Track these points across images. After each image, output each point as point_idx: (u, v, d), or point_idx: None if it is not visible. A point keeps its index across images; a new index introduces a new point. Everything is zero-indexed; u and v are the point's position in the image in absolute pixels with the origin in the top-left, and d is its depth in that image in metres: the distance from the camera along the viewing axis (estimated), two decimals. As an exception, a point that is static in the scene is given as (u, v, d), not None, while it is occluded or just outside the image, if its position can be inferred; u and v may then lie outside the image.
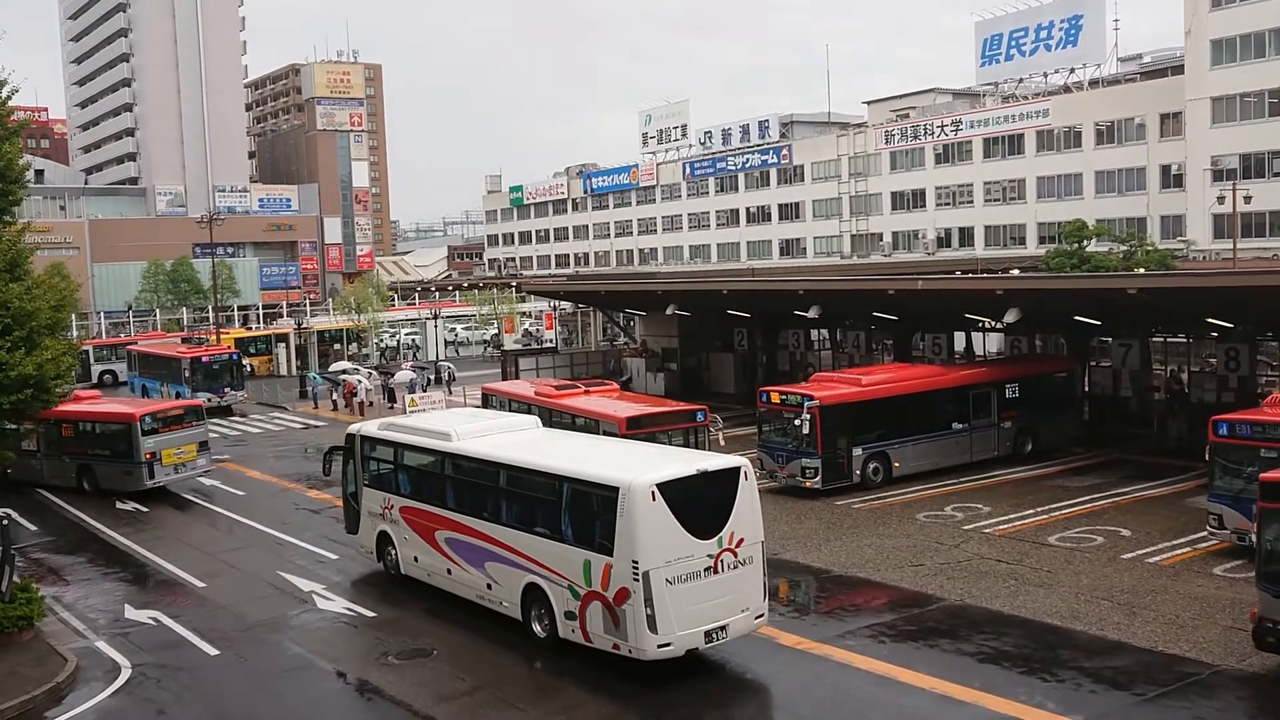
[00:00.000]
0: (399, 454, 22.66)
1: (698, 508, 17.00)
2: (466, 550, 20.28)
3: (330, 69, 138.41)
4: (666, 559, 16.50)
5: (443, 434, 21.52)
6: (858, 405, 29.02)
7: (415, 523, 21.77)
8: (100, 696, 17.54)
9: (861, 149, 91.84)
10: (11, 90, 20.91)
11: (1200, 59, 65.38)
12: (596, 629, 17.20)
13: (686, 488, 17.08)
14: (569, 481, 18.08)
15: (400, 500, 22.29)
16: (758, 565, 17.49)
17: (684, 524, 16.72)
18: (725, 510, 17.20)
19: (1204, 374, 34.19)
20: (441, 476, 21.42)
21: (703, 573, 16.77)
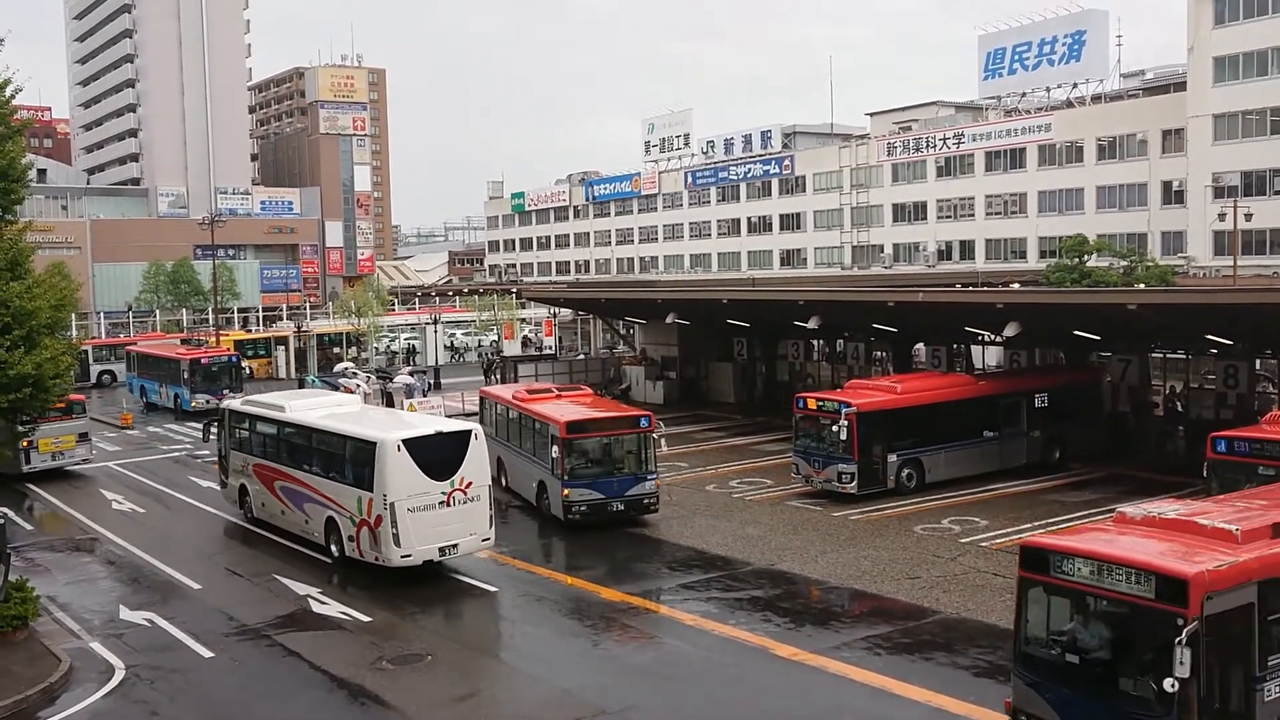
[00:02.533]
0: (252, 424, 28.51)
1: (435, 458, 22.88)
2: (292, 495, 26.27)
3: (334, 73, 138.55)
4: (409, 494, 22.43)
5: (279, 407, 27.73)
6: (894, 412, 29.37)
7: (262, 476, 27.72)
8: (94, 697, 17.50)
9: (863, 160, 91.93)
10: (15, 89, 20.91)
11: (1203, 76, 65.50)
12: (365, 547, 23.13)
13: (426, 443, 23.05)
14: (349, 439, 24.19)
15: (253, 459, 28.20)
16: (484, 502, 23.36)
17: (423, 469, 22.66)
18: (457, 461, 23.04)
19: (1203, 390, 34.20)
20: (278, 439, 27.20)
21: (437, 505, 22.69)
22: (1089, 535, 14.36)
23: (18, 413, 20.71)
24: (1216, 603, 12.15)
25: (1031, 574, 13.71)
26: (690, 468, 34.53)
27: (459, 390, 51.63)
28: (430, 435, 23.44)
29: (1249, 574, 12.48)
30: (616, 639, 19.52)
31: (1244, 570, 12.47)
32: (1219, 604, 12.17)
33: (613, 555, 25.19)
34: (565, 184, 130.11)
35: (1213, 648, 12.22)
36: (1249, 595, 12.45)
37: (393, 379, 53.93)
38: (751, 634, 19.20)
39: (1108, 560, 12.93)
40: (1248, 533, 12.99)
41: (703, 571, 23.42)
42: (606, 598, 21.73)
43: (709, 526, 26.99)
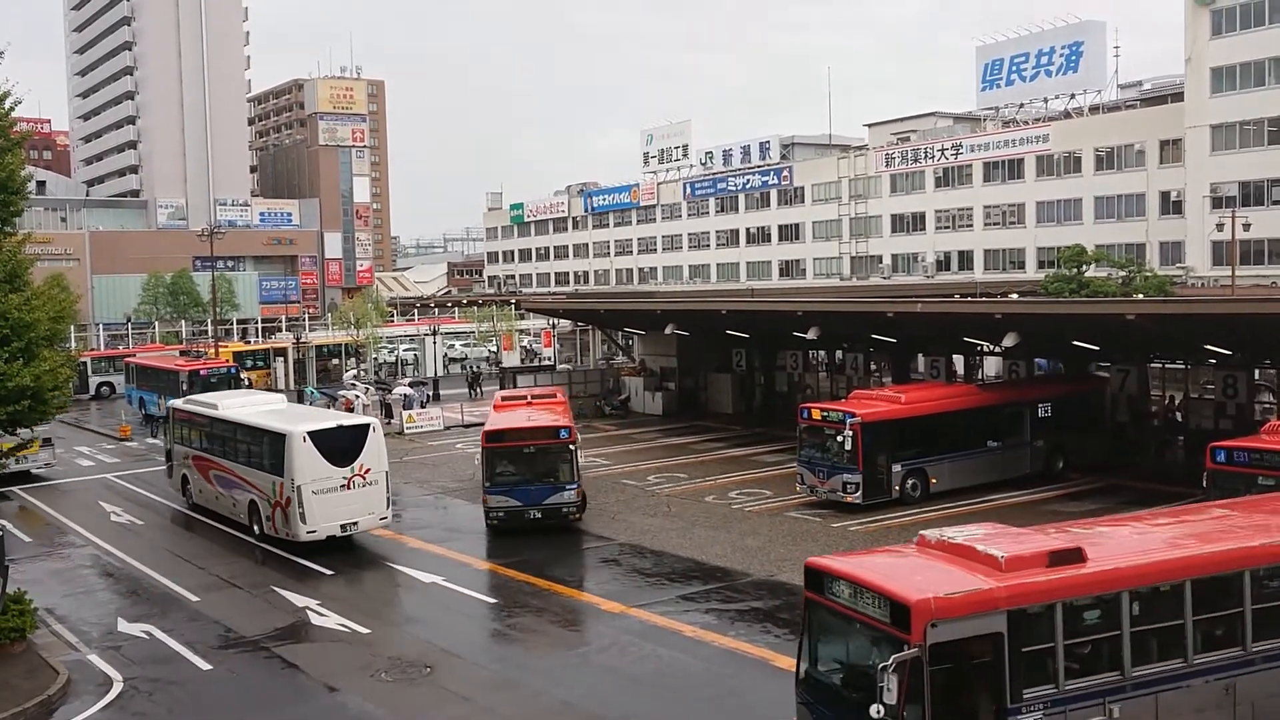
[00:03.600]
0: (191, 420, 32.28)
1: (337, 448, 26.56)
2: (223, 482, 29.90)
3: (333, 84, 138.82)
4: (314, 479, 26.10)
5: (212, 405, 31.54)
6: (898, 422, 29.48)
7: (200, 466, 31.41)
8: (91, 710, 17.45)
9: (862, 171, 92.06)
10: (14, 101, 20.93)
11: (1200, 86, 65.66)
12: (279, 525, 26.71)
13: (329, 435, 26.82)
14: (265, 432, 27.75)
15: (192, 451, 31.96)
16: (381, 486, 27.02)
17: (326, 457, 26.34)
18: (357, 450, 26.71)
19: (1202, 400, 34.19)
20: (212, 434, 30.78)
21: (339, 488, 26.36)
22: (866, 557, 14.48)
23: (16, 425, 20.68)
24: (944, 630, 11.84)
25: (812, 594, 13.67)
26: (689, 479, 34.51)
27: (458, 401, 51.67)
28: (332, 428, 27.33)
29: (993, 603, 12.15)
30: (616, 650, 19.48)
31: (986, 598, 12.16)
32: (948, 632, 11.87)
33: (612, 567, 25.16)
34: (564, 195, 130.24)
35: (947, 677, 11.99)
36: (994, 624, 12.12)
37: (392, 390, 53.98)
38: (751, 645, 19.16)
39: (859, 583, 12.84)
40: (1015, 559, 12.68)
41: (702, 583, 23.38)
42: (606, 609, 21.70)
43: (708, 538, 26.95)
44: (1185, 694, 13.15)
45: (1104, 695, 12.77)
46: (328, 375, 68.44)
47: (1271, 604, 13.78)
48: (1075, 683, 12.67)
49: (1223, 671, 13.38)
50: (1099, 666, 12.90)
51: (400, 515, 31.52)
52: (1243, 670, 13.45)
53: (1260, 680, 13.55)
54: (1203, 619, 13.39)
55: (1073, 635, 12.77)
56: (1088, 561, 13.04)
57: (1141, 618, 13.12)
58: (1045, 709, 12.40)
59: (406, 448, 42.44)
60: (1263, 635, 13.60)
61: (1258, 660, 13.55)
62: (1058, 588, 12.61)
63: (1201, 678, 13.27)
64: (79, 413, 55.43)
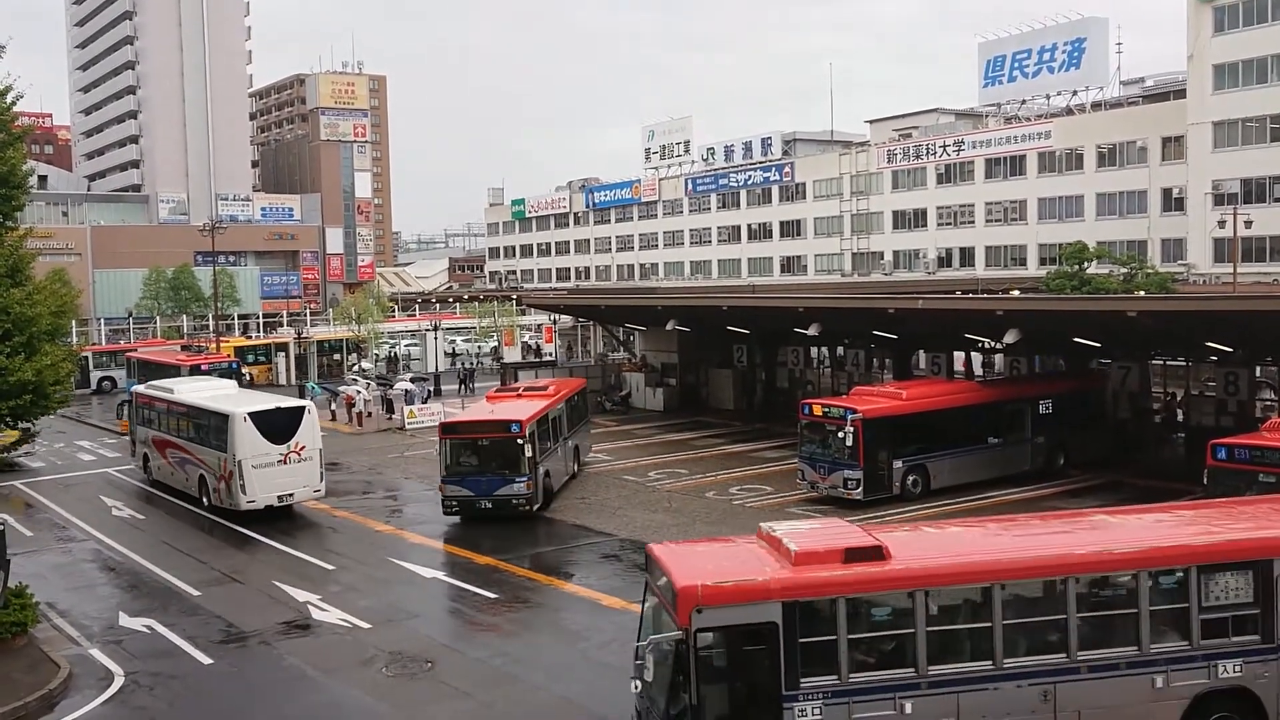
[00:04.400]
0: (151, 404, 35.59)
1: (274, 427, 29.78)
2: (178, 460, 33.24)
3: (335, 80, 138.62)
4: (253, 454, 29.29)
5: (169, 390, 35.05)
6: (899, 419, 29.49)
7: (158, 445, 34.72)
8: (93, 704, 17.48)
9: (863, 168, 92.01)
10: (16, 96, 20.93)
11: (1202, 83, 65.56)
12: (224, 496, 29.98)
13: (267, 416, 30.05)
14: (212, 413, 30.91)
15: (153, 433, 35.17)
16: (315, 462, 30.37)
17: (265, 436, 29.53)
18: (293, 430, 29.96)
19: (1203, 397, 34.18)
20: (169, 415, 34.00)
21: (276, 463, 29.59)
22: (694, 544, 15.32)
23: (18, 419, 20.70)
24: (710, 616, 12.38)
25: (647, 577, 14.34)
26: (690, 474, 34.52)
27: (459, 398, 51.67)
28: (271, 410, 30.67)
29: (766, 593, 12.56)
30: (616, 646, 19.47)
31: (758, 589, 12.60)
32: (715, 618, 12.42)
33: (612, 563, 25.19)
34: (566, 191, 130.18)
35: (718, 660, 12.69)
36: (768, 614, 12.54)
37: (393, 386, 54.00)
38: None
39: (659, 568, 13.57)
40: (806, 554, 13.06)
41: (703, 578, 23.32)
42: (606, 605, 21.71)
43: (709, 533, 26.86)
44: (993, 696, 13.17)
45: (895, 690, 12.95)
46: (329, 370, 68.53)
47: (1098, 613, 13.78)
48: (862, 676, 12.96)
49: (1040, 677, 13.30)
50: (891, 662, 13.12)
51: (401, 511, 31.58)
52: (1065, 678, 13.32)
53: (1087, 690, 13.37)
54: (1015, 623, 13.41)
55: (860, 630, 13.14)
56: (889, 560, 13.26)
57: (942, 617, 13.36)
58: (826, 699, 12.73)
59: (408, 443, 42.46)
60: (1090, 644, 13.50)
61: (1083, 669, 13.38)
62: (842, 583, 12.93)
63: (1012, 681, 13.24)
64: (80, 407, 55.45)
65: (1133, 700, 13.39)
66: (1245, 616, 13.55)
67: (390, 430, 46.55)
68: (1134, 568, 13.63)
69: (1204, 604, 13.50)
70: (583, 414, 36.87)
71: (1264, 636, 13.51)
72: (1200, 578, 13.52)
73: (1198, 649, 13.49)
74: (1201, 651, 13.48)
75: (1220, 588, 13.58)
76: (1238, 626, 13.57)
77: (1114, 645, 13.58)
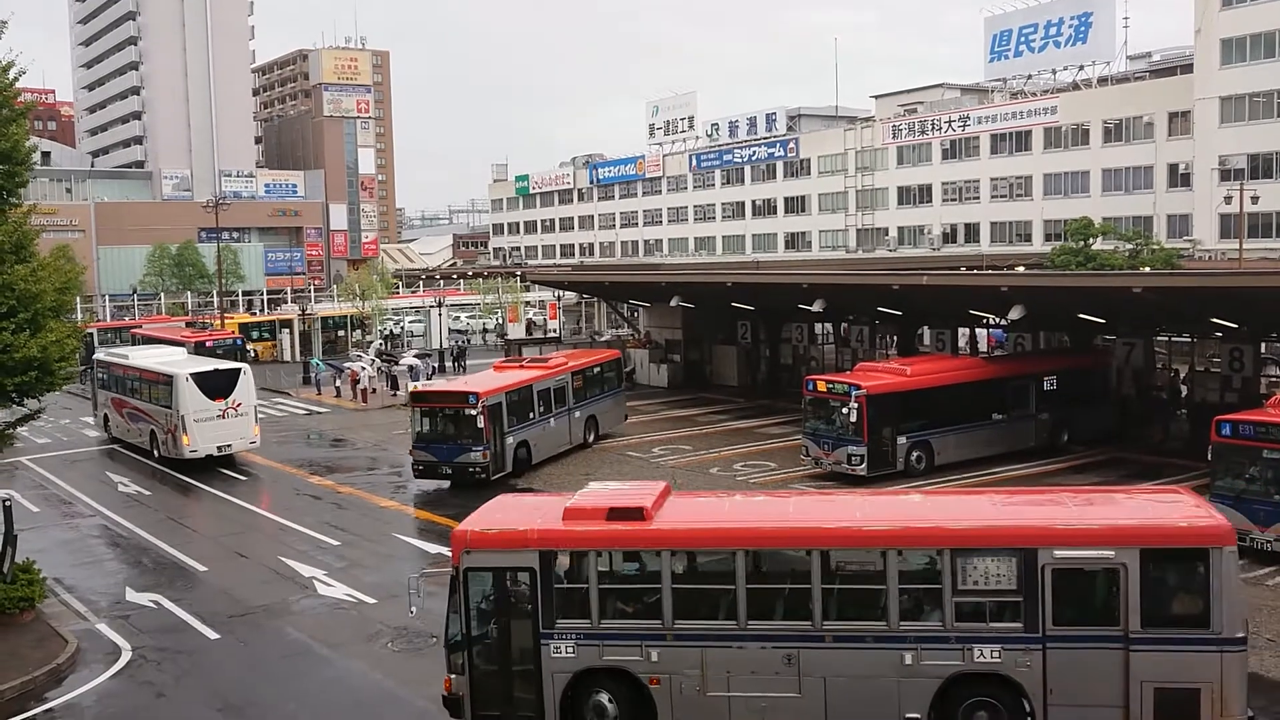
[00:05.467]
0: (109, 369, 39.40)
1: (214, 386, 34.28)
2: (132, 416, 37.55)
3: (338, 55, 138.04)
4: (195, 410, 33.82)
5: (125, 356, 39.17)
6: (903, 395, 29.53)
7: (116, 405, 38.83)
8: (100, 679, 17.61)
9: (868, 143, 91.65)
10: (19, 72, 20.82)
11: (1210, 58, 65.17)
12: (170, 447, 34.52)
13: (207, 376, 34.63)
14: (159, 374, 35.36)
15: (110, 394, 39.17)
16: (250, 417, 34.80)
17: (205, 394, 34.03)
18: (230, 389, 34.46)
19: (1208, 374, 34.11)
20: (124, 378, 37.92)
21: (215, 418, 34.14)
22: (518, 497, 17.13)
23: (24, 396, 20.72)
24: (476, 559, 14.31)
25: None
26: (694, 450, 34.57)
27: (455, 374, 51.67)
28: (210, 371, 35.33)
29: (525, 542, 14.27)
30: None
31: (518, 538, 14.34)
32: (481, 560, 14.32)
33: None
34: (569, 167, 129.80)
35: (485, 596, 14.54)
36: (528, 560, 14.26)
37: (398, 362, 54.02)
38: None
39: None
40: (574, 510, 14.61)
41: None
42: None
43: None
44: (737, 654, 13.98)
45: (643, 639, 14.17)
46: (334, 347, 68.63)
47: (848, 586, 14.20)
48: (612, 622, 14.29)
49: (783, 641, 13.91)
50: (641, 613, 14.32)
51: (405, 487, 31.66)
52: (809, 644, 13.83)
53: (832, 658, 13.81)
54: (760, 588, 14.16)
55: (613, 581, 14.60)
56: (648, 521, 14.39)
57: (689, 577, 14.44)
58: (578, 639, 14.22)
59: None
60: (837, 615, 13.92)
61: (828, 638, 13.82)
62: (594, 538, 14.37)
63: (756, 643, 13.94)
64: (85, 384, 55.48)
65: (880, 674, 13.67)
66: (1007, 603, 13.55)
67: (395, 406, 46.61)
68: (882, 545, 13.92)
69: (958, 587, 13.62)
70: (608, 385, 37.40)
71: (1027, 625, 13.46)
72: (954, 561, 13.63)
73: (951, 631, 13.59)
74: (955, 634, 13.58)
75: (978, 572, 13.66)
76: (997, 612, 13.59)
77: (862, 619, 13.93)
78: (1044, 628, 13.39)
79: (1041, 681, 13.35)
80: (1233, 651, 13.03)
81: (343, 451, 38.00)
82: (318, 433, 41.94)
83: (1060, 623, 13.36)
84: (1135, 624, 13.16)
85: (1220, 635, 13.01)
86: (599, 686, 14.28)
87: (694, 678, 14.03)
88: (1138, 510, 14.37)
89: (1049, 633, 13.38)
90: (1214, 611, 12.99)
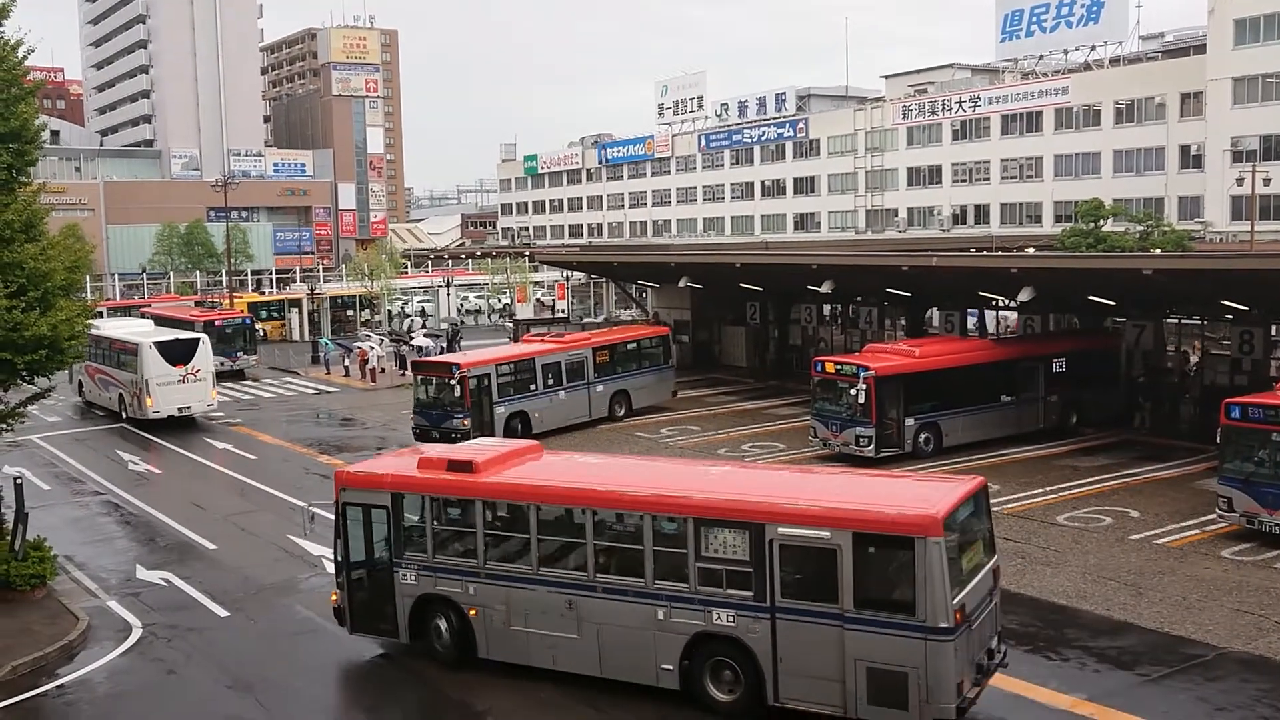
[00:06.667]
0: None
1: (175, 354, 37.69)
2: (104, 384, 40.97)
3: (347, 34, 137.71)
4: (158, 375, 37.29)
5: (97, 327, 37.18)
6: (911, 376, 29.45)
7: (89, 372, 41.88)
8: (111, 655, 17.71)
9: (878, 124, 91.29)
10: (28, 50, 20.80)
11: (1223, 38, 64.73)
12: (135, 409, 38.07)
13: (170, 345, 38.16)
14: (126, 343, 38.60)
15: (86, 362, 40.20)
16: (208, 383, 38.37)
17: (168, 360, 37.49)
18: (190, 356, 37.87)
19: (1218, 356, 34.00)
20: (96, 347, 39.69)
21: (176, 383, 37.58)
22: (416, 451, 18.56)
23: (35, 374, 20.78)
24: (348, 495, 16.96)
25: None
26: (702, 431, 34.59)
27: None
28: (172, 340, 38.81)
29: (380, 484, 16.82)
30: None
31: (374, 480, 16.97)
32: (352, 497, 16.94)
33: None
34: (578, 147, 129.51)
35: (360, 526, 16.99)
36: (382, 500, 16.69)
37: (408, 342, 54.10)
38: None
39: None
40: (425, 460, 17.00)
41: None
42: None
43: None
44: (532, 595, 15.80)
45: (464, 575, 16.32)
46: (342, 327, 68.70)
47: (615, 544, 15.54)
48: (442, 558, 16.54)
49: (565, 588, 15.57)
50: (464, 552, 16.46)
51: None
52: (584, 593, 15.39)
53: (604, 608, 15.26)
54: (548, 539, 15.94)
55: (444, 522, 16.76)
56: (476, 473, 16.36)
57: (497, 524, 16.43)
58: (419, 570, 16.60)
59: (421, 399, 42.58)
60: (607, 569, 15.36)
61: (601, 590, 15.27)
62: (426, 485, 16.65)
63: (545, 587, 15.69)
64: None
65: (640, 626, 15.01)
66: (741, 573, 14.34)
67: (403, 386, 46.69)
68: (640, 510, 15.17)
69: (701, 553, 14.62)
70: (648, 361, 38.10)
71: (756, 594, 14.21)
72: (698, 529, 14.62)
73: (695, 593, 14.64)
74: (698, 596, 14.60)
75: (718, 542, 14.59)
76: (733, 580, 14.42)
77: (625, 574, 15.22)
78: (773, 599, 14.15)
79: (771, 649, 14.13)
80: (937, 640, 13.12)
81: (352, 431, 38.10)
82: (326, 412, 42.06)
83: (787, 596, 14.10)
84: (849, 604, 13.64)
85: (924, 624, 13.17)
86: (437, 612, 16.56)
87: (501, 612, 16.04)
88: (868, 495, 14.64)
89: (777, 604, 14.13)
90: (918, 600, 13.21)
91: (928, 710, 13.15)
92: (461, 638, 16.41)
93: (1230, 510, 21.84)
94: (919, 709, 13.18)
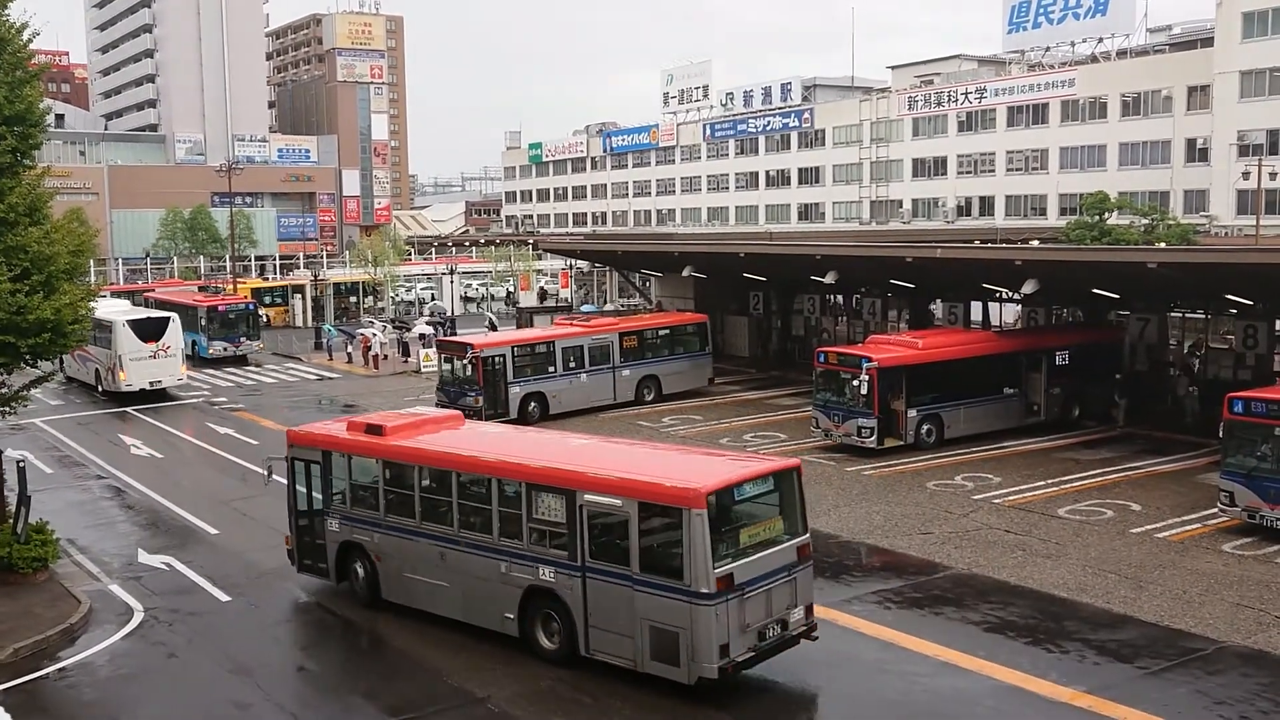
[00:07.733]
0: None
1: (147, 331, 40.25)
2: (82, 359, 42.02)
3: (352, 20, 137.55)
4: (132, 351, 39.79)
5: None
6: (914, 368, 29.43)
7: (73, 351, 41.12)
8: (112, 639, 17.76)
9: (884, 114, 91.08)
10: (33, 34, 20.76)
11: (1230, 31, 64.51)
12: (110, 382, 40.57)
13: (142, 323, 40.64)
14: (102, 322, 39.33)
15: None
16: (178, 359, 41.03)
17: (140, 337, 39.96)
18: (161, 333, 40.41)
19: (1221, 350, 33.96)
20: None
21: (148, 359, 40.02)
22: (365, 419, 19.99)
23: (38, 358, 20.80)
24: (295, 451, 19.31)
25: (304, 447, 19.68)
26: (704, 420, 34.59)
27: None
28: (144, 318, 41.58)
29: (315, 443, 19.24)
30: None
31: (311, 439, 19.40)
32: (298, 453, 19.28)
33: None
34: (583, 135, 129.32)
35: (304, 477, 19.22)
36: (316, 456, 19.02)
37: (410, 329, 54.11)
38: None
39: None
40: (350, 424, 19.33)
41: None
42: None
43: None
44: (416, 546, 17.71)
45: (371, 526, 18.36)
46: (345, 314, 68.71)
47: (473, 504, 17.10)
48: (358, 510, 18.68)
49: (438, 541, 17.43)
50: (371, 505, 18.47)
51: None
52: (451, 546, 17.25)
53: (465, 561, 17.05)
54: (427, 497, 17.69)
55: (358, 478, 18.83)
56: (385, 437, 18.48)
57: (394, 482, 18.21)
58: (340, 519, 18.82)
59: (424, 386, 42.56)
60: (467, 526, 17.13)
61: (463, 544, 17.10)
62: (342, 444, 18.93)
63: (425, 539, 17.59)
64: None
65: (489, 578, 16.73)
66: (560, 534, 15.88)
67: (406, 373, 46.74)
68: (488, 474, 16.95)
69: (532, 515, 16.27)
70: (682, 347, 38.82)
71: (570, 554, 15.72)
72: (530, 493, 16.30)
73: (527, 551, 16.29)
74: (530, 553, 16.24)
75: (545, 505, 16.18)
76: (555, 540, 15.99)
77: (480, 532, 16.94)
78: (583, 559, 15.58)
79: (583, 604, 15.55)
80: (701, 604, 14.36)
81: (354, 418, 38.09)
82: (329, 398, 42.06)
83: (594, 557, 15.49)
84: (636, 567, 15.00)
85: (689, 588, 14.43)
86: (355, 557, 18.63)
87: (396, 560, 18.00)
88: (662, 468, 15.94)
89: (587, 564, 15.54)
90: (684, 566, 14.48)
91: (694, 669, 14.45)
92: (371, 581, 18.40)
93: (1232, 505, 21.84)
94: (687, 667, 14.50)
